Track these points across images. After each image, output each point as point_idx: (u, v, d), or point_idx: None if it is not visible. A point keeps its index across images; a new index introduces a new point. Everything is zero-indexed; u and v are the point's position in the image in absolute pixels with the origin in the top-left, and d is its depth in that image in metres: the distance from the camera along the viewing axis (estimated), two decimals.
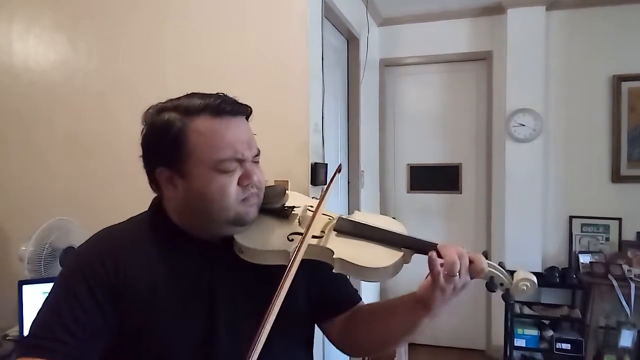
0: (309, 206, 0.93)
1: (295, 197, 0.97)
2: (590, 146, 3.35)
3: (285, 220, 0.91)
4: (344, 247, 0.84)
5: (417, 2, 3.40)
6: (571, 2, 3.31)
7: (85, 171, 2.26)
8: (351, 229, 0.88)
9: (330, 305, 0.99)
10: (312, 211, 0.91)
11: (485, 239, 3.63)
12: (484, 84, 3.60)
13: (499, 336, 3.45)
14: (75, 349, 0.78)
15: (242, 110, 0.86)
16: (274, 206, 0.92)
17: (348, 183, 3.10)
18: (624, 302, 2.87)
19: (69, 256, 0.89)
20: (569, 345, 2.98)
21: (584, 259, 3.18)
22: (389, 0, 3.32)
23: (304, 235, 0.83)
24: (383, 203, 3.83)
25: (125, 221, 0.94)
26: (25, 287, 1.83)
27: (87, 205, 2.21)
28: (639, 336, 2.96)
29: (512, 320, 3.13)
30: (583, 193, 3.36)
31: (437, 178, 3.76)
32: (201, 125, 0.81)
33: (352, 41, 3.08)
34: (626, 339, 2.94)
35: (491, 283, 0.82)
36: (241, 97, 0.88)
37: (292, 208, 0.92)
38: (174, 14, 2.15)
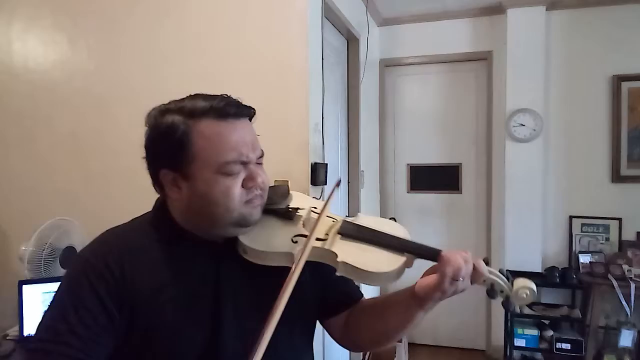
0: (313, 208, 0.93)
1: (299, 197, 0.97)
2: (590, 146, 3.35)
3: (290, 222, 0.91)
4: (348, 251, 0.84)
5: (417, 2, 3.39)
6: (571, 2, 3.31)
7: (85, 171, 2.25)
8: (355, 232, 0.88)
9: (334, 302, 1.00)
10: (316, 213, 0.91)
11: (485, 239, 3.63)
12: (484, 84, 3.60)
13: (499, 336, 3.46)
14: (82, 352, 0.77)
15: (246, 112, 0.86)
16: (278, 207, 0.92)
17: (348, 183, 3.09)
18: (624, 302, 2.87)
19: (73, 258, 0.88)
20: (569, 345, 2.98)
21: (584, 259, 3.18)
22: (389, 0, 3.32)
23: (309, 238, 0.83)
24: (383, 203, 3.83)
25: (128, 222, 0.93)
26: (25, 287, 1.84)
27: (87, 205, 2.21)
28: (639, 336, 2.97)
29: (512, 320, 3.13)
30: (583, 193, 3.36)
31: (437, 178, 3.76)
32: (205, 128, 0.81)
33: (352, 41, 3.08)
34: (626, 339, 2.94)
35: (492, 290, 0.83)
36: (241, 97, 0.88)
37: (296, 209, 0.92)
38: (174, 14, 2.15)
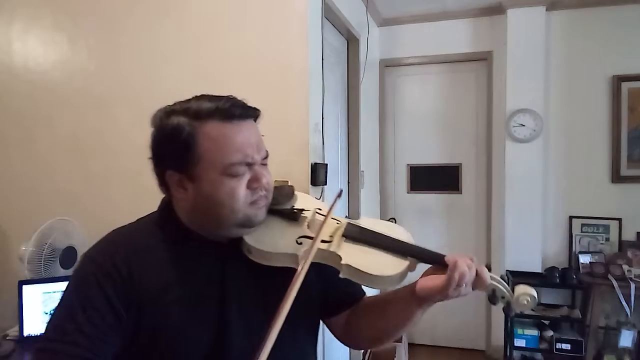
0: (317, 209, 0.94)
1: (304, 198, 0.98)
2: (590, 146, 3.35)
3: (294, 223, 0.92)
4: (352, 253, 0.85)
5: (417, 2, 3.39)
6: (571, 2, 3.31)
7: (85, 171, 2.26)
8: (359, 235, 0.89)
9: (336, 302, 1.02)
10: (321, 215, 0.91)
11: (485, 239, 3.63)
12: (484, 84, 3.60)
13: (499, 336, 3.46)
14: (89, 351, 0.78)
15: (251, 114, 0.86)
16: (283, 208, 0.92)
17: (348, 183, 3.09)
18: (624, 303, 2.87)
19: (80, 259, 0.88)
20: (569, 345, 2.98)
21: (584, 259, 3.18)
22: (389, 0, 3.32)
23: (315, 239, 0.84)
24: (383, 203, 3.83)
25: (134, 222, 0.93)
26: (25, 287, 1.84)
27: (87, 206, 2.21)
28: (639, 336, 2.96)
29: (512, 320, 3.12)
30: (583, 193, 3.36)
31: (437, 178, 3.76)
32: (211, 130, 0.81)
33: (352, 41, 3.07)
34: (626, 339, 2.94)
35: (493, 296, 0.84)
36: (241, 97, 0.88)
37: (301, 211, 0.93)
38: (174, 14, 2.15)
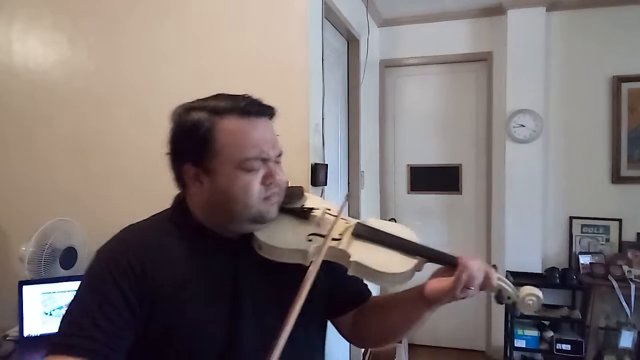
0: (327, 210, 0.97)
1: (312, 199, 1.01)
2: (590, 147, 3.35)
3: (305, 221, 0.94)
4: (361, 251, 0.87)
5: (418, 3, 3.40)
6: (571, 3, 3.31)
7: (85, 171, 2.25)
8: (368, 234, 0.91)
9: (343, 301, 1.03)
10: (330, 214, 0.94)
11: (485, 240, 3.63)
12: (484, 85, 3.60)
13: (499, 337, 3.46)
14: (106, 346, 0.79)
15: (267, 112, 0.89)
16: (294, 206, 0.95)
17: (348, 184, 3.09)
18: (624, 303, 2.87)
19: (93, 256, 0.88)
20: (569, 346, 2.98)
21: (584, 259, 3.18)
22: (389, 1, 3.32)
23: (327, 237, 0.86)
24: (383, 203, 3.83)
25: (146, 220, 0.95)
26: (25, 288, 1.84)
27: (87, 206, 2.21)
28: (639, 337, 2.96)
29: (512, 321, 3.13)
30: (583, 194, 3.36)
31: (437, 179, 3.76)
32: (229, 125, 0.84)
33: (352, 42, 3.08)
34: (626, 340, 2.94)
35: (499, 296, 0.86)
36: (261, 97, 0.90)
37: (311, 210, 0.95)
38: (174, 14, 2.15)
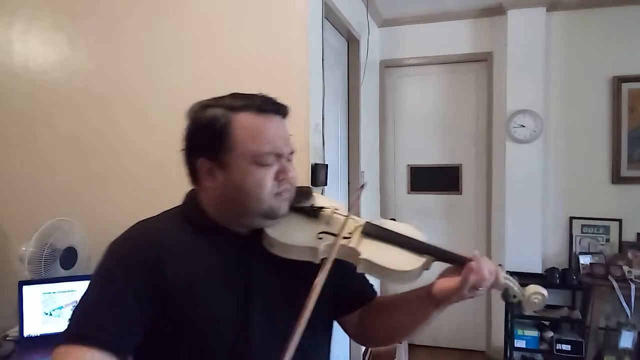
0: (335, 209, 0.99)
1: (321, 198, 1.03)
2: (590, 147, 3.35)
3: (315, 219, 0.96)
4: (370, 249, 0.89)
5: (418, 3, 3.40)
6: (571, 3, 3.31)
7: (85, 171, 2.25)
8: (377, 232, 0.93)
9: (349, 300, 1.04)
10: (338, 214, 0.96)
11: (485, 240, 3.63)
12: (484, 85, 3.60)
13: (499, 337, 3.46)
14: (117, 337, 0.80)
15: (282, 110, 0.91)
16: (304, 205, 0.97)
17: (348, 184, 3.09)
18: (624, 303, 2.87)
19: (105, 251, 0.89)
20: (569, 346, 2.99)
21: (584, 260, 3.18)
22: (390, 1, 3.33)
23: (339, 234, 0.89)
24: (383, 204, 3.83)
25: (158, 216, 0.95)
26: (25, 288, 1.84)
27: (87, 206, 2.21)
28: (639, 337, 2.96)
29: (512, 321, 3.13)
30: (583, 194, 3.36)
31: (437, 179, 3.76)
32: (245, 120, 0.86)
33: (352, 42, 3.08)
34: (626, 340, 2.94)
35: (506, 294, 0.88)
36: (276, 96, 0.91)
37: (321, 209, 0.97)
38: (174, 14, 2.15)
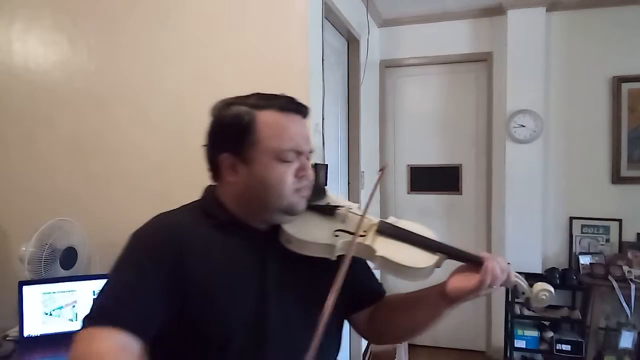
0: (349, 208, 1.01)
1: (334, 197, 1.05)
2: (590, 147, 3.35)
3: (331, 217, 0.98)
4: (385, 247, 0.92)
5: (418, 3, 3.40)
6: (571, 3, 3.31)
7: (85, 171, 2.25)
8: (392, 231, 0.96)
9: (360, 298, 1.06)
10: (353, 212, 0.99)
11: (485, 240, 3.63)
12: (484, 85, 3.60)
13: (499, 337, 3.46)
14: (143, 323, 0.81)
15: (303, 110, 0.95)
16: (320, 203, 0.99)
17: (348, 184, 3.09)
18: (624, 303, 2.87)
19: (128, 240, 0.90)
20: (569, 346, 2.98)
21: (584, 260, 3.18)
22: (390, 1, 3.33)
23: (356, 232, 0.92)
24: (383, 204, 3.83)
25: (178, 209, 0.97)
26: (25, 288, 1.84)
27: (87, 206, 2.21)
28: (639, 337, 2.96)
29: (512, 321, 3.12)
30: (583, 194, 3.36)
31: (437, 179, 3.76)
32: (269, 117, 0.90)
33: (352, 42, 3.08)
34: (626, 340, 2.94)
35: (515, 291, 0.90)
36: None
37: (336, 207, 1.00)
38: (174, 14, 2.15)
